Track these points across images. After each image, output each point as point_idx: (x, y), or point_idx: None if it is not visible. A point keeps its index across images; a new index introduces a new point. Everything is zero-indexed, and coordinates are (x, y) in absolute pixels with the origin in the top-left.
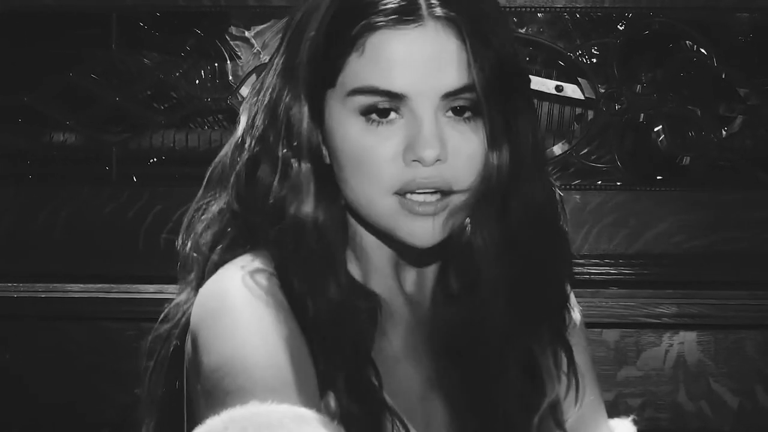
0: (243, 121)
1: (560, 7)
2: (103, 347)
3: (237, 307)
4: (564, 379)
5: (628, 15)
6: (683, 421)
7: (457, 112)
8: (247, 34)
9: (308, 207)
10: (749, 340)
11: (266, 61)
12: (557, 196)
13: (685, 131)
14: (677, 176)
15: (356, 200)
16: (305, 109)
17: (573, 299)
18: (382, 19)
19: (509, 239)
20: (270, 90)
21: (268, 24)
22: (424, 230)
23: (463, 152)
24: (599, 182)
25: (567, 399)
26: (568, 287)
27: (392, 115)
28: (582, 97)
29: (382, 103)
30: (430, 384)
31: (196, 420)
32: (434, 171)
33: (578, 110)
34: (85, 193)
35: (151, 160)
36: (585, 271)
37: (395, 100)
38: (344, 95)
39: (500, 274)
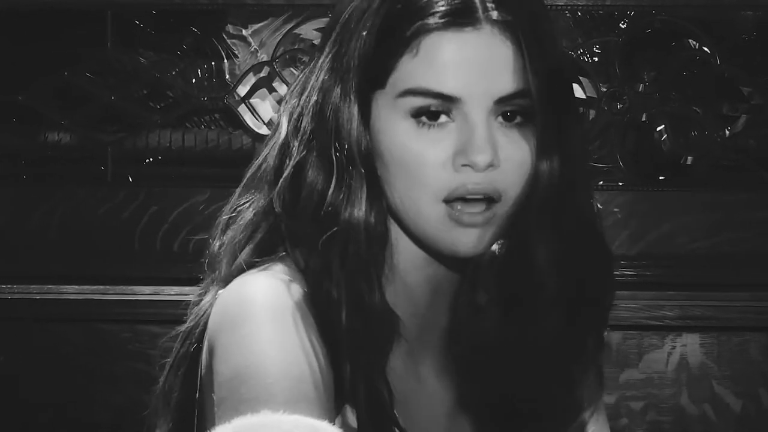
0: (284, 123)
1: (561, 5)
2: (99, 349)
3: (258, 315)
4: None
5: (630, 13)
6: (686, 424)
7: (508, 117)
8: (244, 32)
9: (361, 212)
10: (753, 343)
11: (264, 59)
12: (596, 207)
13: (687, 131)
14: (680, 176)
15: (402, 206)
16: (355, 110)
17: None
18: (437, 20)
19: (565, 252)
20: (316, 91)
21: (266, 22)
22: (468, 240)
23: (514, 159)
24: (601, 182)
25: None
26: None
27: (443, 118)
28: (583, 96)
29: (434, 105)
30: (456, 404)
31: (207, 427)
32: (485, 177)
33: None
34: (80, 194)
35: (147, 160)
36: None
37: (447, 102)
38: (395, 96)
39: (562, 287)
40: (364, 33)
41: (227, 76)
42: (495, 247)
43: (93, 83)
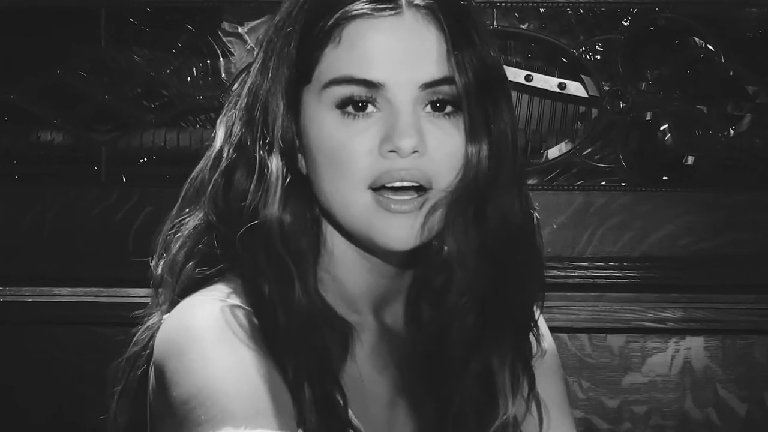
0: (220, 133)
1: (563, 2)
2: (92, 353)
3: (203, 337)
4: (523, 404)
5: (633, 10)
6: (690, 429)
7: (437, 108)
8: (240, 30)
9: (274, 208)
10: (758, 346)
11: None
12: (535, 218)
13: (691, 130)
14: (683, 176)
15: (330, 199)
16: (281, 105)
17: (545, 329)
18: (358, 7)
19: (483, 246)
20: (246, 94)
21: (262, 20)
22: (400, 230)
23: (443, 147)
24: (603, 183)
25: (527, 426)
26: (538, 312)
27: (369, 108)
28: (585, 95)
29: (358, 93)
30: (397, 398)
31: None
32: (412, 163)
33: (582, 108)
34: (73, 194)
35: (142, 160)
36: (589, 274)
37: (372, 90)
38: (320, 88)
39: (471, 280)
40: (289, 29)
41: (223, 75)
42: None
43: (86, 82)
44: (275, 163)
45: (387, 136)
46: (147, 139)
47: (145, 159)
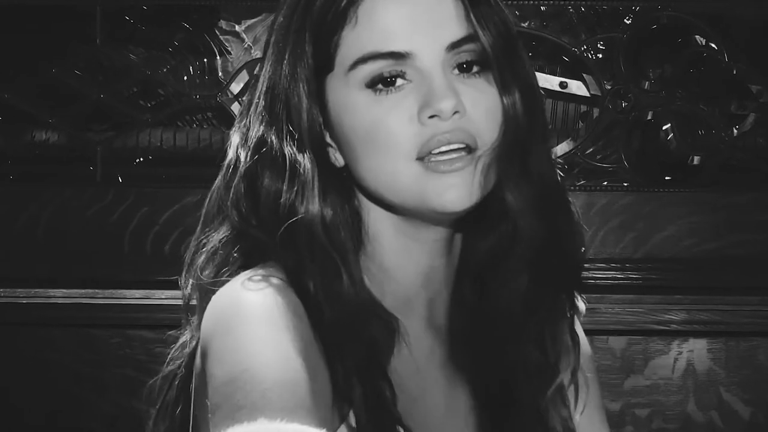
0: (234, 141)
1: (564, 0)
2: (88, 355)
3: (252, 317)
4: (567, 372)
5: (635, 8)
6: None
7: (464, 69)
8: (237, 28)
9: (315, 203)
10: (762, 348)
11: (258, 56)
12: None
13: (694, 130)
14: (687, 177)
15: (376, 178)
16: (304, 101)
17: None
18: None
19: (535, 200)
20: (263, 95)
21: (260, 18)
22: (456, 189)
23: (481, 105)
24: (605, 183)
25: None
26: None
27: (399, 81)
28: (587, 94)
29: (387, 68)
30: (454, 393)
31: None
32: (454, 125)
33: (583, 108)
34: (68, 194)
35: (138, 160)
36: (590, 275)
37: (399, 61)
38: (345, 71)
39: (532, 233)
40: (298, 22)
41: (220, 74)
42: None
43: (82, 81)
44: (307, 158)
45: (425, 102)
46: (143, 138)
47: (141, 159)
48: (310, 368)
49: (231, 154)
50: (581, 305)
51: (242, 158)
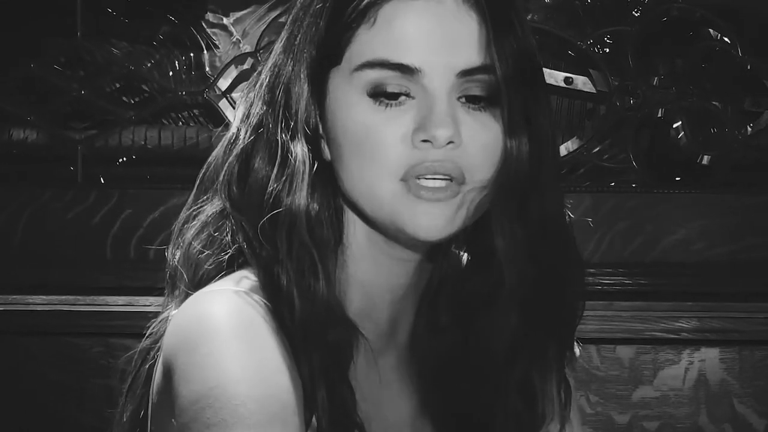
0: (239, 113)
1: None
2: (68, 365)
3: (219, 331)
4: (560, 409)
5: (645, 0)
6: None
7: (472, 99)
8: (225, 21)
9: (302, 197)
10: None
11: (247, 50)
12: (568, 216)
13: (706, 128)
14: (698, 177)
15: (355, 187)
16: (305, 87)
17: None
18: None
19: (529, 245)
20: (269, 73)
21: (249, 10)
22: (431, 218)
23: (479, 139)
24: (612, 184)
25: None
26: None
27: (402, 97)
28: (594, 91)
29: (392, 80)
30: (418, 411)
31: None
32: (446, 155)
33: (589, 105)
34: (47, 196)
35: (121, 160)
36: (597, 281)
37: (407, 75)
38: (351, 71)
39: (521, 281)
40: (318, 6)
41: (207, 69)
42: (459, 253)
43: (62, 76)
44: (300, 149)
45: (421, 124)
46: (126, 137)
47: (125, 159)
48: (281, 378)
49: (234, 126)
50: (576, 350)
51: (241, 135)
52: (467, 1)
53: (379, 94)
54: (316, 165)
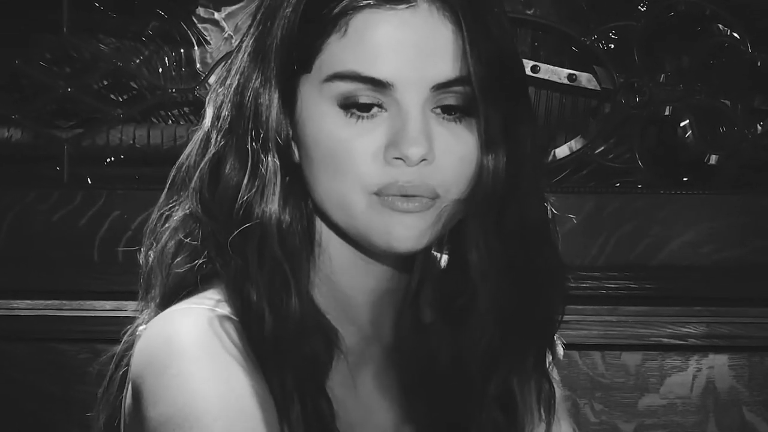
0: (209, 113)
1: None
2: (54, 372)
3: (186, 351)
4: (543, 416)
5: None
6: None
7: (446, 110)
8: (216, 15)
9: (274, 207)
10: None
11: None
12: (550, 214)
13: (715, 126)
14: (706, 178)
15: (328, 201)
16: (275, 96)
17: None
18: None
19: (504, 257)
20: (237, 75)
21: (241, 4)
22: (405, 229)
23: (453, 153)
24: (617, 184)
25: None
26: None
27: (375, 109)
28: (598, 88)
29: (363, 92)
30: (401, 420)
31: None
32: (419, 173)
33: (593, 102)
34: (32, 197)
35: (108, 160)
36: (601, 285)
37: (379, 89)
38: (321, 81)
39: (495, 294)
40: (288, 10)
41: (198, 65)
42: (438, 255)
43: (47, 73)
44: (271, 159)
45: (393, 141)
46: (114, 136)
47: (112, 158)
48: (253, 396)
49: (205, 125)
50: (559, 350)
51: (212, 138)
52: (441, 8)
53: (350, 106)
54: (288, 177)
